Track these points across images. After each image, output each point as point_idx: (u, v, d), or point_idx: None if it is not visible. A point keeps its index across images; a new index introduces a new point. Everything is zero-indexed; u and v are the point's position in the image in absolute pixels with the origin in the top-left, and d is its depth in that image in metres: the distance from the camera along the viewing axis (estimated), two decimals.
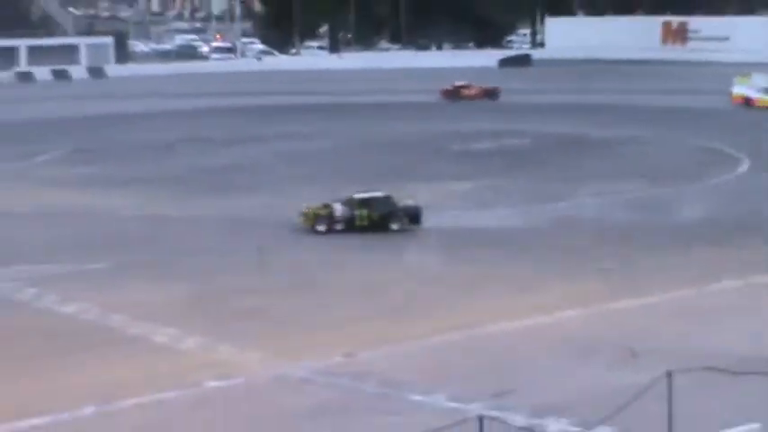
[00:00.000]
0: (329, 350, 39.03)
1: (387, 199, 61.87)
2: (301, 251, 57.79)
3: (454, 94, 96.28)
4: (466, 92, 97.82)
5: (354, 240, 58.82)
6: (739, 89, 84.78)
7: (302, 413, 32.39)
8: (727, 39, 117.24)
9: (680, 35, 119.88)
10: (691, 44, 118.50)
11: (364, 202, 60.93)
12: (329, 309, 45.61)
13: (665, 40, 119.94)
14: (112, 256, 53.76)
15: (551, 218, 64.77)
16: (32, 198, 68.30)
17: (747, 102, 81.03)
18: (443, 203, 66.31)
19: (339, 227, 60.37)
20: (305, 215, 61.15)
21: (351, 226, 60.10)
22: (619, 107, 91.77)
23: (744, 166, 76.18)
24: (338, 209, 60.67)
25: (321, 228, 60.10)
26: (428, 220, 61.68)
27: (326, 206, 61.36)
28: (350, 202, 60.93)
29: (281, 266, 53.76)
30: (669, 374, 25.93)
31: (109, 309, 44.99)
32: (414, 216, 61.10)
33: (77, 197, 68.03)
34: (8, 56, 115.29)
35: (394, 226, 60.16)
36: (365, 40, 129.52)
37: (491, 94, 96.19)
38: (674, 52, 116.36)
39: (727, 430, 27.99)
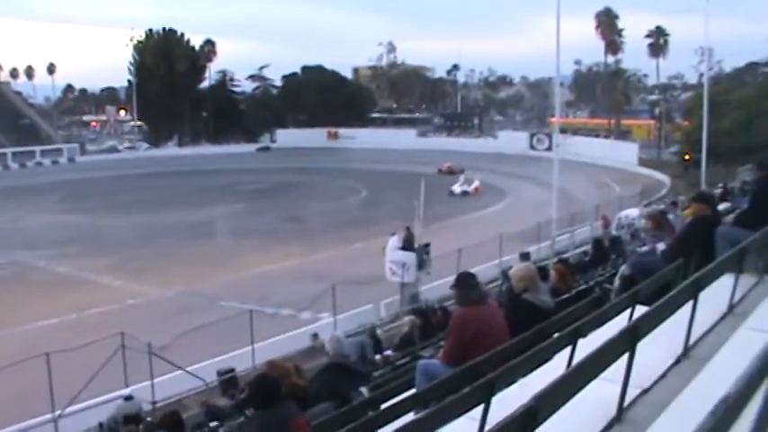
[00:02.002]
0: (177, 285, 39.12)
1: None
2: None
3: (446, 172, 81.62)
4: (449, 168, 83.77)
5: None
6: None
7: (172, 311, 33.23)
8: (355, 138, 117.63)
9: (334, 136, 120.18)
10: (340, 140, 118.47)
11: None
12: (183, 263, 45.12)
13: (328, 138, 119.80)
14: (80, 245, 50.42)
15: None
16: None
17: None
18: None
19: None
20: None
21: None
22: (308, 168, 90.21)
23: (364, 193, 73.05)
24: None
25: None
26: None
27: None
28: None
29: None
30: (333, 286, 27.37)
31: (79, 268, 43.91)
32: None
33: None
34: (29, 155, 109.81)
35: None
36: (194, 141, 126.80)
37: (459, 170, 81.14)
38: (333, 144, 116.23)
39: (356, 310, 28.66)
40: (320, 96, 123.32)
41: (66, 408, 20.13)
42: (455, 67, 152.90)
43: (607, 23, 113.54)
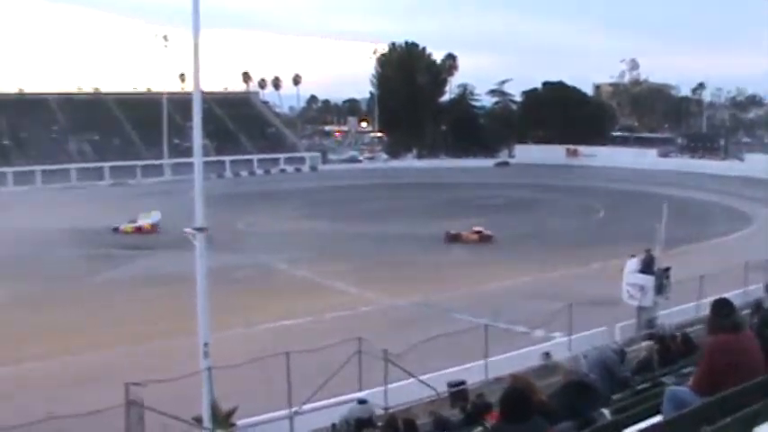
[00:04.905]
0: (411, 295, 39.67)
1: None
2: None
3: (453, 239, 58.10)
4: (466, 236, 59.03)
5: None
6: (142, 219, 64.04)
7: (406, 320, 33.96)
8: (595, 156, 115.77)
9: (574, 153, 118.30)
10: (579, 158, 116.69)
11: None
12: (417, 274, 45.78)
13: (567, 155, 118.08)
14: (318, 251, 52.66)
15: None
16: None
17: (139, 229, 62.24)
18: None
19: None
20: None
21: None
22: (546, 185, 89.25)
23: (602, 213, 72.10)
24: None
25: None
26: None
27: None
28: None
29: None
30: (570, 305, 27.07)
31: (316, 273, 45.51)
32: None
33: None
34: (274, 162, 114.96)
35: None
36: (432, 153, 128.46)
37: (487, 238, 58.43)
38: (571, 161, 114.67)
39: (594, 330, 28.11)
40: (560, 113, 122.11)
41: (303, 405, 20.78)
42: (701, 85, 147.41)
43: None
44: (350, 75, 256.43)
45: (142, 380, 18.49)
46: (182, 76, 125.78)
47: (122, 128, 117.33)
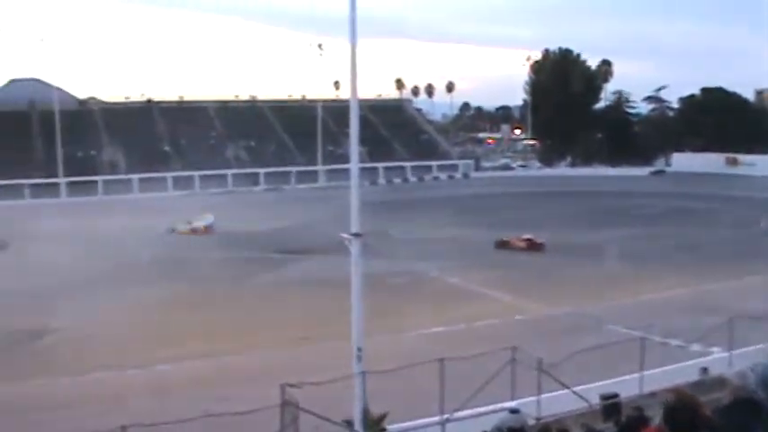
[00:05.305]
0: (565, 304, 39.44)
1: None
2: None
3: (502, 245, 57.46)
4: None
5: None
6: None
7: (559, 330, 33.56)
8: (755, 165, 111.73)
9: (733, 162, 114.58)
10: (739, 167, 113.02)
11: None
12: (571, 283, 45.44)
13: (726, 163, 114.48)
14: (471, 259, 52.71)
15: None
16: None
17: (194, 230, 65.73)
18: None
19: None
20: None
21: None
22: (704, 194, 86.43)
23: (764, 224, 67.69)
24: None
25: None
26: None
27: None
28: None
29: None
30: (731, 319, 26.28)
31: (469, 281, 45.63)
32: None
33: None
34: (426, 169, 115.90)
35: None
36: (586, 161, 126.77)
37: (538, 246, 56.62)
38: (731, 170, 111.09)
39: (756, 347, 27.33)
40: (719, 120, 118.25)
41: (455, 413, 20.84)
42: None
43: None
44: (503, 82, 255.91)
45: (297, 381, 18.90)
46: (336, 84, 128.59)
47: (278, 134, 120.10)
